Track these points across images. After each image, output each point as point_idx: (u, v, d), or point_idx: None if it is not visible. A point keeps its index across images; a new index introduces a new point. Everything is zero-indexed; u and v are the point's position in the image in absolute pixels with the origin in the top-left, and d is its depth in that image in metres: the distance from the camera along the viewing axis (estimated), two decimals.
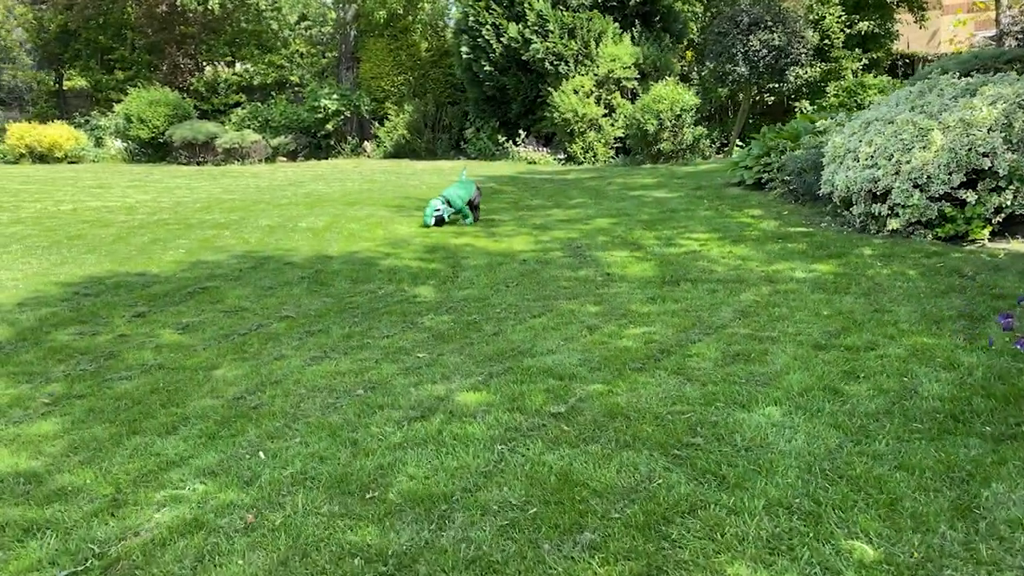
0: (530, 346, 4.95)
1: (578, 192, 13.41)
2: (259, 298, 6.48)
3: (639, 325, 5.33)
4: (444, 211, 9.99)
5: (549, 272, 7.27)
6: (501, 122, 20.93)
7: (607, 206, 11.57)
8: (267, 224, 10.55)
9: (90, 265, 7.94)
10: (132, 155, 23.58)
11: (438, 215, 9.97)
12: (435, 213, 9.95)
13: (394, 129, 22.43)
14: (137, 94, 23.19)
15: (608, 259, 7.76)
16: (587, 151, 18.92)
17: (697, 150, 17.72)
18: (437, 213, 9.95)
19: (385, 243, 9.11)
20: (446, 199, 10.06)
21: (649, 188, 13.34)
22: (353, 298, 6.46)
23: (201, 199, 13.60)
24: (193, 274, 7.43)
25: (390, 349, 5.01)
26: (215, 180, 17.21)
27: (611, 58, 18.80)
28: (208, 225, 10.59)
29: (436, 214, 9.96)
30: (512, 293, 6.47)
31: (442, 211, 9.97)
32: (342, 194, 13.85)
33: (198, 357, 4.98)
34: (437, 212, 9.95)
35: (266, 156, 22.13)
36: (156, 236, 9.76)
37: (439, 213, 9.96)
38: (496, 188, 14.60)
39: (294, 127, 23.03)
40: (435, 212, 9.95)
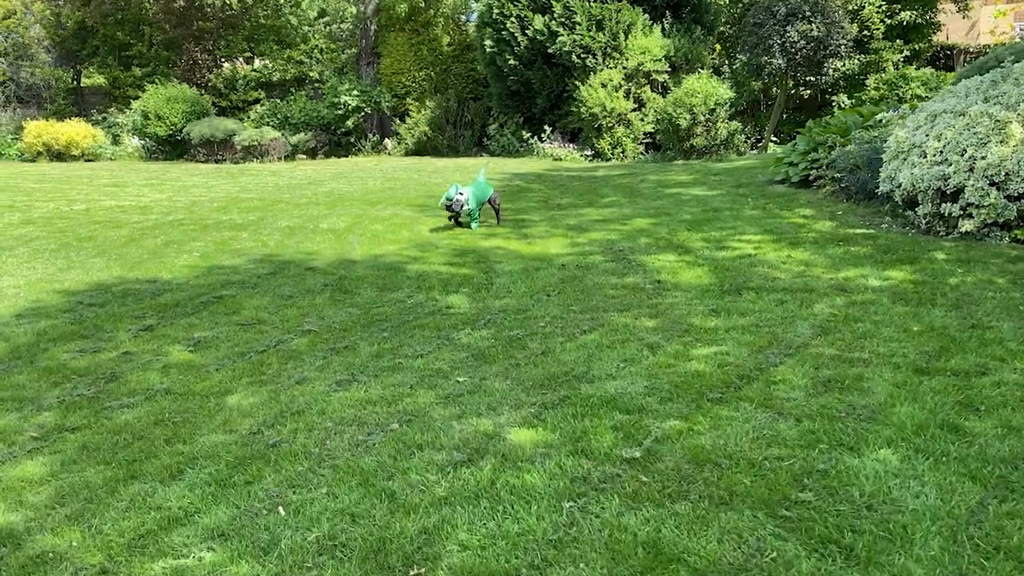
0: (585, 369, 4.33)
1: (610, 190, 12.76)
2: (278, 309, 5.90)
3: (707, 343, 4.70)
4: (466, 199, 9.16)
5: (592, 279, 6.65)
6: (525, 118, 20.29)
7: (644, 205, 10.92)
8: (286, 225, 9.99)
9: (98, 271, 7.40)
10: (149, 153, 23.16)
11: (460, 199, 9.06)
12: (457, 195, 9.06)
13: (415, 126, 21.85)
14: (154, 90, 22.76)
15: (655, 264, 7.12)
16: (615, 147, 18.25)
17: (731, 146, 17.00)
18: (460, 196, 9.07)
19: (411, 245, 8.53)
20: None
21: (686, 185, 12.66)
22: (380, 308, 5.88)
23: (218, 198, 13.09)
24: (207, 281, 6.87)
25: (425, 371, 4.41)
26: (233, 178, 16.72)
27: (641, 50, 18.11)
28: (225, 226, 10.05)
29: (459, 196, 9.06)
30: (555, 303, 5.86)
31: (465, 196, 9.13)
32: (364, 193, 13.29)
33: (210, 380, 4.41)
34: (460, 195, 9.07)
35: (285, 154, 21.64)
36: (170, 238, 9.23)
37: (461, 196, 9.08)
38: (523, 186, 13.98)
39: (314, 124, 22.52)
40: (457, 195, 9.05)
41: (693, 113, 16.46)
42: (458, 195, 9.10)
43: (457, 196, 9.09)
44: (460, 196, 9.11)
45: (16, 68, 27.86)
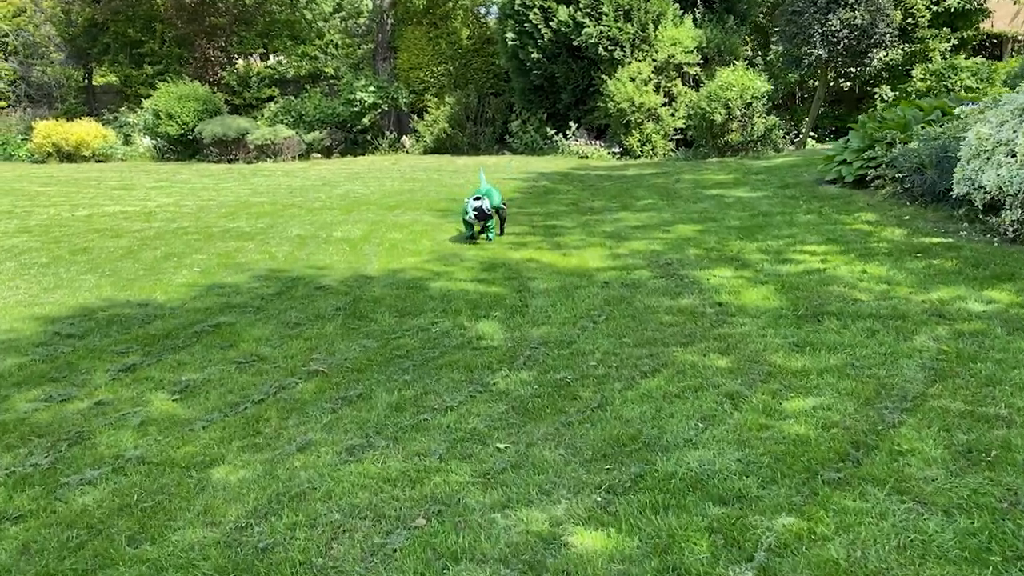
0: (656, 431, 3.49)
1: (645, 191, 11.88)
2: (282, 340, 5.10)
3: (799, 392, 3.84)
4: (485, 203, 8.18)
5: (642, 300, 5.79)
6: (549, 113, 19.42)
7: (684, 209, 10.04)
8: (297, 234, 9.20)
9: (86, 290, 6.64)
10: (161, 153, 22.50)
11: (477, 210, 8.09)
12: (475, 207, 8.10)
13: (434, 123, 21.03)
14: (166, 89, 22.09)
15: (711, 280, 6.26)
16: (644, 144, 17.35)
17: (768, 142, 16.05)
18: (477, 204, 8.10)
19: (433, 257, 7.71)
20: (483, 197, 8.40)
21: (727, 186, 11.76)
22: (400, 340, 5.06)
23: (227, 203, 12.33)
24: (205, 304, 6.09)
25: (456, 432, 3.59)
26: (245, 180, 15.98)
27: (671, 42, 17.18)
28: (231, 235, 9.28)
29: (476, 207, 8.09)
30: (603, 333, 5.01)
31: (483, 203, 8.13)
32: (381, 196, 12.49)
33: (194, 443, 3.61)
34: (477, 204, 8.09)
35: (300, 153, 20.90)
36: (170, 250, 8.47)
37: (479, 205, 8.09)
38: (550, 187, 13.13)
39: (329, 122, 21.76)
40: (475, 207, 8.10)
41: (728, 108, 15.52)
42: (478, 202, 8.14)
43: (482, 205, 8.14)
44: (482, 202, 8.14)
45: (27, 67, 27.33)
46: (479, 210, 8.12)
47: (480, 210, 8.13)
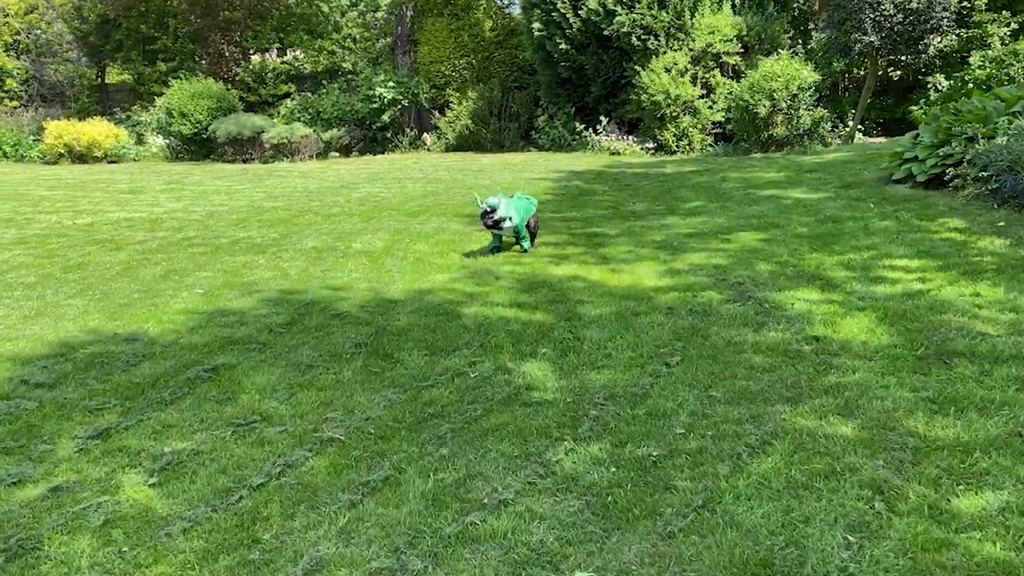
0: (794, 552, 2.55)
1: (690, 192, 10.90)
2: (291, 391, 4.21)
3: (969, 482, 2.89)
4: (506, 216, 7.12)
5: (719, 332, 4.85)
6: (577, 107, 18.44)
7: (739, 212, 9.06)
8: (312, 246, 8.33)
9: (71, 319, 5.80)
10: (175, 153, 21.77)
11: (494, 217, 7.04)
12: (490, 206, 7.06)
13: (456, 119, 20.10)
14: (179, 86, 21.34)
15: (796, 306, 5.30)
16: (680, 139, 16.33)
17: (815, 136, 14.98)
18: (494, 202, 7.07)
19: (464, 275, 6.80)
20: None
21: (780, 186, 10.75)
22: (433, 390, 4.15)
23: (239, 208, 11.49)
24: (204, 338, 5.21)
25: (517, 548, 2.68)
26: (259, 182, 15.16)
27: (709, 30, 16.14)
28: (241, 248, 8.43)
29: (493, 211, 7.04)
30: (682, 381, 4.08)
31: (502, 213, 7.08)
32: (402, 199, 11.59)
33: (168, 561, 2.73)
34: (494, 202, 7.07)
35: (317, 152, 20.07)
36: (172, 266, 7.62)
37: (499, 216, 7.05)
38: (583, 187, 12.18)
39: (347, 119, 20.90)
40: (491, 205, 7.06)
41: (773, 99, 14.47)
42: (500, 204, 7.10)
43: (500, 205, 7.09)
44: (498, 205, 7.09)
45: (39, 66, 26.73)
46: (490, 212, 7.06)
47: (493, 212, 7.05)
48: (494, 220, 7.09)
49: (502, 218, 7.09)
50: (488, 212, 7.08)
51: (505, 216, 7.11)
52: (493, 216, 7.06)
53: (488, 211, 7.08)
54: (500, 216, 7.07)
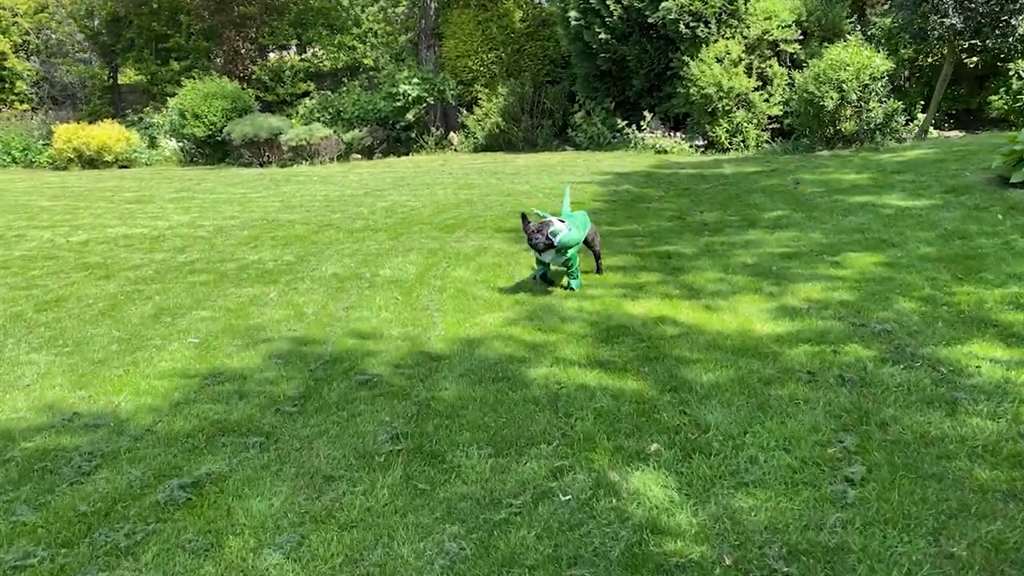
0: None
1: (763, 198, 9.48)
2: (301, 531, 2.88)
3: None
4: (564, 237, 5.60)
5: (898, 417, 3.47)
6: (617, 102, 17.03)
7: (834, 225, 7.64)
8: (334, 273, 7.02)
9: (24, 386, 4.53)
10: (188, 156, 20.64)
11: (534, 234, 5.59)
12: (533, 230, 5.61)
13: (486, 116, 18.76)
14: (192, 86, 20.19)
15: (984, 370, 3.90)
16: (734, 135, 14.87)
17: (888, 131, 13.45)
18: (556, 234, 5.55)
19: (520, 313, 5.46)
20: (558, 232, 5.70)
21: (867, 190, 9.30)
22: (510, 532, 2.82)
23: (252, 222, 10.23)
24: (189, 423, 3.91)
25: None
26: (276, 188, 13.91)
27: (765, 15, 14.66)
28: (249, 275, 7.15)
29: (533, 230, 5.62)
30: (888, 520, 2.72)
31: (563, 234, 5.59)
32: (434, 210, 10.26)
33: None
34: (554, 234, 5.55)
35: (338, 154, 18.82)
36: (167, 301, 6.36)
37: (560, 237, 5.55)
38: (635, 192, 10.79)
39: (369, 119, 19.63)
40: (554, 237, 5.56)
41: (842, 91, 12.97)
42: (561, 230, 5.60)
43: (542, 231, 5.59)
44: (552, 226, 5.61)
45: (50, 67, 25.73)
46: (537, 234, 5.62)
47: (540, 233, 5.60)
48: (545, 242, 5.62)
49: (560, 244, 5.63)
50: (538, 230, 5.66)
51: (563, 239, 5.62)
52: (543, 235, 5.60)
53: (537, 229, 5.66)
54: (556, 234, 5.60)
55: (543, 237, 5.63)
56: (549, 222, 5.70)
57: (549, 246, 5.67)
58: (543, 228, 5.67)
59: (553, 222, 5.68)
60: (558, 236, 5.60)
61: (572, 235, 5.68)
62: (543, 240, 5.64)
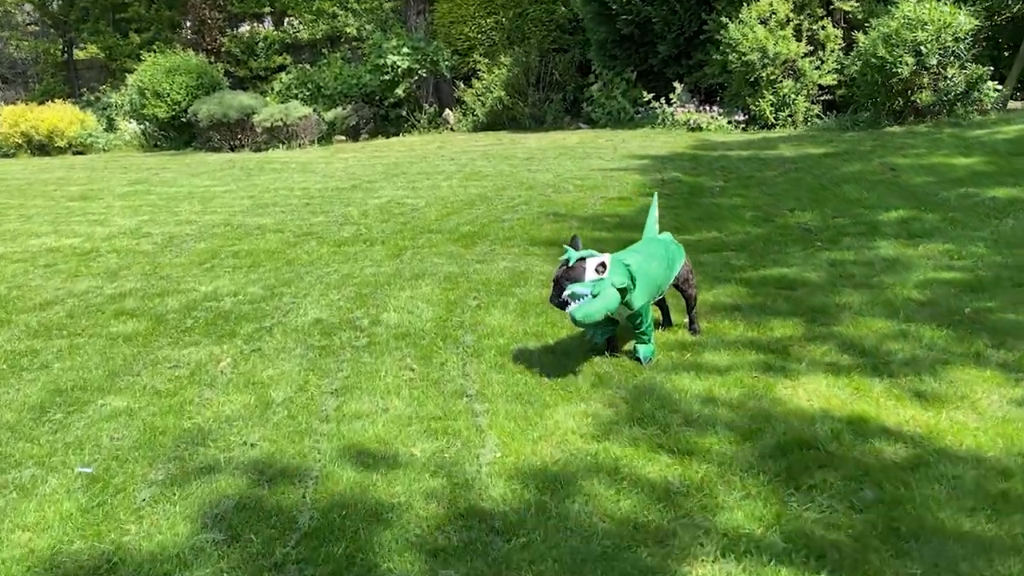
0: None
1: (858, 190, 7.47)
2: None
3: None
4: (584, 309, 3.55)
5: None
6: (639, 72, 14.87)
7: (994, 233, 5.67)
8: (315, 319, 4.92)
9: None
10: (150, 140, 18.32)
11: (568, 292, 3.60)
12: (570, 303, 3.59)
13: (486, 90, 16.53)
14: (153, 61, 17.84)
15: None
16: (780, 109, 12.79)
17: (972, 101, 11.41)
18: (577, 296, 3.57)
19: (610, 405, 3.45)
20: (627, 276, 3.67)
21: (998, 180, 7.31)
22: None
23: (212, 228, 8.09)
24: None
25: None
26: (246, 180, 11.73)
27: None
28: (197, 322, 5.05)
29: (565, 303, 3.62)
30: None
31: (582, 303, 3.56)
32: (441, 210, 8.15)
33: None
34: (573, 296, 3.58)
35: (319, 135, 16.57)
36: (67, 374, 4.26)
37: (577, 309, 3.56)
38: (688, 182, 8.74)
39: (353, 95, 17.35)
40: (572, 300, 3.58)
41: (920, 54, 10.90)
42: (617, 283, 3.60)
43: (616, 284, 3.59)
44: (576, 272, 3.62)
45: None
46: (556, 283, 3.68)
47: (557, 283, 3.66)
48: (557, 300, 3.67)
49: (574, 317, 3.61)
50: (562, 275, 3.65)
51: (580, 313, 3.56)
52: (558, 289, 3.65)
53: (561, 275, 3.65)
54: (577, 296, 3.58)
55: (556, 292, 3.68)
56: (575, 269, 3.63)
57: (562, 308, 3.68)
58: (566, 276, 3.63)
59: (580, 271, 3.61)
60: (575, 303, 3.58)
61: (592, 306, 3.55)
62: (555, 297, 3.69)
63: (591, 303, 3.53)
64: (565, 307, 3.61)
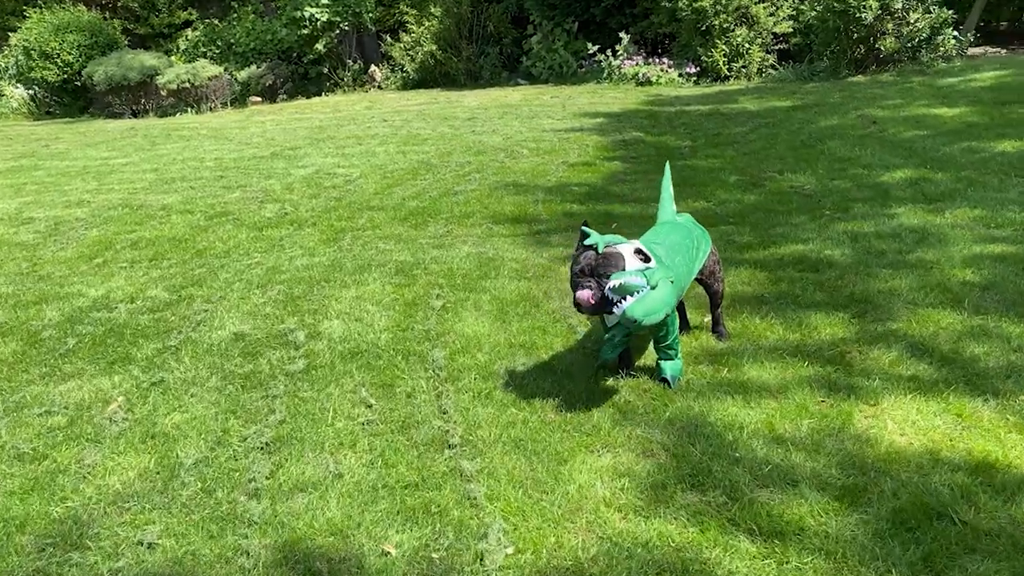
0: None
1: (847, 146, 6.75)
2: None
3: None
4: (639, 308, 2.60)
5: None
6: (580, 23, 13.86)
7: (1017, 199, 4.94)
8: (235, 332, 3.87)
9: None
10: (41, 107, 16.47)
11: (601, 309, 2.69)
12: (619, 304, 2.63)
13: (416, 45, 15.26)
14: (39, 18, 15.93)
15: None
16: (734, 59, 12.01)
17: (935, 48, 10.82)
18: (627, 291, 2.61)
19: (646, 455, 2.56)
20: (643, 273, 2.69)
21: (1000, 133, 6.66)
22: None
23: (108, 209, 6.83)
24: None
25: None
26: (150, 150, 10.33)
27: None
28: (83, 341, 3.94)
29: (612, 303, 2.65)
30: None
31: (636, 300, 2.61)
32: (381, 181, 7.08)
33: None
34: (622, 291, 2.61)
35: (232, 97, 15.07)
36: None
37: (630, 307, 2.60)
38: (651, 141, 7.89)
39: (269, 52, 15.84)
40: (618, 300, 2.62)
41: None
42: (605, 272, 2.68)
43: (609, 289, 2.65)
44: (617, 271, 2.66)
45: None
46: (585, 281, 2.70)
47: (590, 279, 2.69)
48: (591, 305, 2.69)
49: (631, 319, 2.63)
50: (588, 270, 2.72)
51: (636, 313, 2.61)
52: (595, 288, 2.69)
53: (588, 269, 2.72)
54: (627, 292, 2.64)
55: (592, 293, 2.68)
56: (614, 256, 2.71)
57: (603, 308, 2.71)
58: (605, 264, 2.68)
59: (619, 257, 2.71)
60: (625, 303, 2.64)
61: (654, 301, 2.64)
62: (590, 299, 2.68)
63: (650, 297, 2.61)
64: (609, 307, 2.66)
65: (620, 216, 5.33)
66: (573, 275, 2.78)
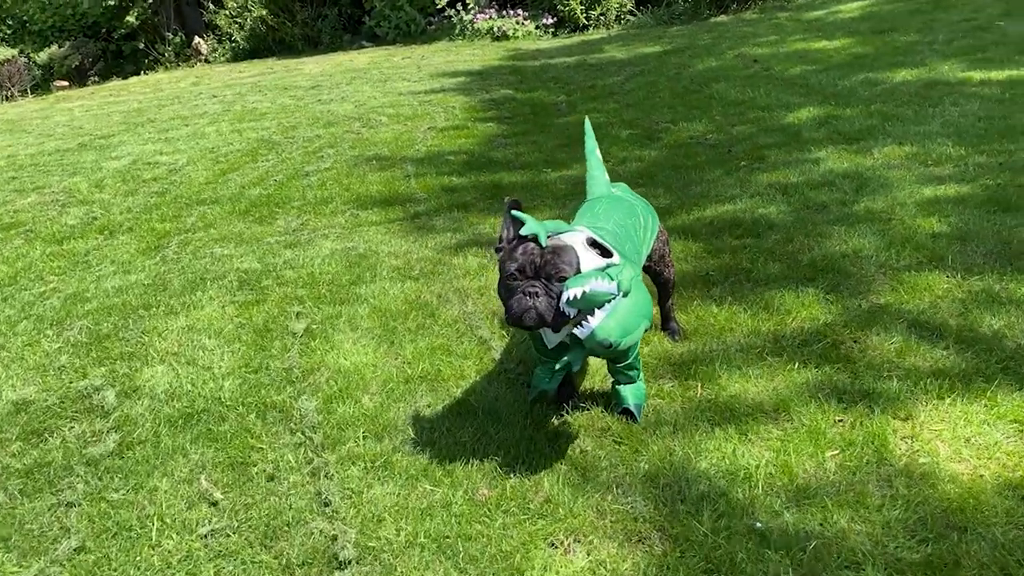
0: None
1: (737, 88, 6.20)
2: None
3: None
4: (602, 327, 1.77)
5: None
6: None
7: (948, 123, 4.49)
8: (17, 400, 2.76)
9: None
10: None
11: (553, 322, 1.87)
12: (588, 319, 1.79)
13: (244, 11, 13.66)
14: None
15: None
16: (592, 7, 11.35)
17: None
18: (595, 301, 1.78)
19: (600, 520, 1.73)
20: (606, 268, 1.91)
21: (897, 62, 6.29)
22: None
23: None
24: None
25: None
26: None
27: None
28: None
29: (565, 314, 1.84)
30: None
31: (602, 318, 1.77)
32: (213, 167, 5.88)
33: None
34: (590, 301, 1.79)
35: (32, 83, 13.01)
36: None
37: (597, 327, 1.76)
38: (523, 99, 7.11)
39: (72, 28, 13.78)
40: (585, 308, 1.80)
41: None
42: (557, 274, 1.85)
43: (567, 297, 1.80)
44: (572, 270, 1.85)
45: None
46: (528, 286, 1.86)
47: (534, 281, 1.86)
48: (536, 318, 1.84)
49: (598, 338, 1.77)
50: (533, 266, 1.88)
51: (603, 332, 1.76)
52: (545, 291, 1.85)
53: (532, 264, 1.88)
54: (594, 300, 1.78)
55: (539, 298, 1.87)
56: (566, 251, 1.90)
57: (556, 325, 1.90)
58: (555, 263, 1.86)
59: (572, 252, 1.91)
60: (593, 320, 1.78)
61: (629, 314, 1.81)
62: (535, 311, 1.87)
63: (622, 309, 1.77)
64: (564, 325, 1.82)
65: (511, 187, 4.48)
66: (505, 276, 1.91)
